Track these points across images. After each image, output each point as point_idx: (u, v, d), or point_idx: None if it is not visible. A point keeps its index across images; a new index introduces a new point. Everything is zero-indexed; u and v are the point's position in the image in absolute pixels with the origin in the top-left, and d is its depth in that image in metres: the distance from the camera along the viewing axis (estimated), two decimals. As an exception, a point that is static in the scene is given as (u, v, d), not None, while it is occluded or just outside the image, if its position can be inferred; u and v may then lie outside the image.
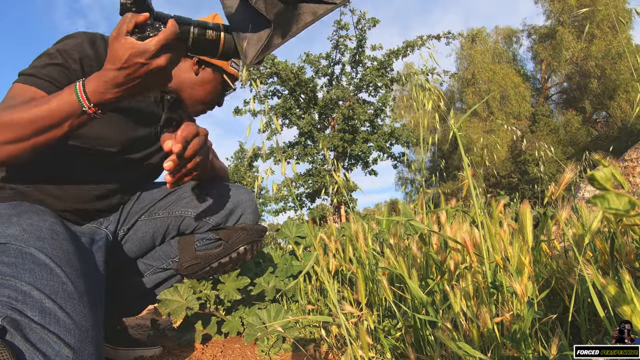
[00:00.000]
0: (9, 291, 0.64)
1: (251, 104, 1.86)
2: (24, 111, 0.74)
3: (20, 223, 0.80)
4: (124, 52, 0.70)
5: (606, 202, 0.26)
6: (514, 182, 15.10)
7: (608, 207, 0.26)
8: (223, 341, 1.28)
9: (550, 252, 0.87)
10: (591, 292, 0.53)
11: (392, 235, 1.01)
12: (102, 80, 0.73)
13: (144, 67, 0.72)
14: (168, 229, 1.11)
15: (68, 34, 0.94)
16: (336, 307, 0.78)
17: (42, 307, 0.64)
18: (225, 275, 1.23)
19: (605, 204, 0.26)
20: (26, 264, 0.72)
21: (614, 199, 0.26)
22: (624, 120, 13.82)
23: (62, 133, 0.76)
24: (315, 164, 8.04)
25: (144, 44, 0.70)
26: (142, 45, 0.70)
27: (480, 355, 0.56)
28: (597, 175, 0.27)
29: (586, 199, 1.98)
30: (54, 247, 0.77)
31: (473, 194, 0.65)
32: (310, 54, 8.36)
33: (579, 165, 0.87)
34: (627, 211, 0.26)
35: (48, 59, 0.86)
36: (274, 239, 4.87)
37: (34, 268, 0.71)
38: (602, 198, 0.27)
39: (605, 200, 0.26)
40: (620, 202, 0.26)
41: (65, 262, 0.76)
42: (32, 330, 0.60)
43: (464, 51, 16.37)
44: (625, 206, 0.26)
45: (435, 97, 0.88)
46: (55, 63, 0.85)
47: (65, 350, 0.61)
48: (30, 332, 0.60)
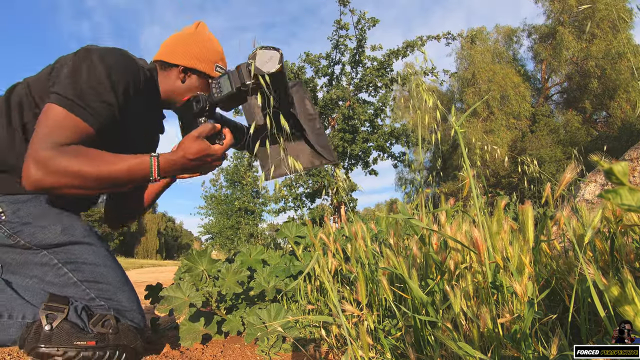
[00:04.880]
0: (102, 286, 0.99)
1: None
2: (94, 166, 0.87)
3: (76, 225, 0.99)
4: (200, 150, 0.99)
5: (618, 198, 0.26)
6: (514, 182, 15.09)
7: (620, 203, 0.25)
8: (223, 341, 1.28)
9: (550, 252, 0.87)
10: (591, 292, 0.53)
11: (392, 235, 1.01)
12: (173, 163, 0.98)
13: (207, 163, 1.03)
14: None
15: (118, 53, 0.99)
16: (336, 307, 0.78)
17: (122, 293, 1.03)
18: (224, 271, 1.23)
19: (618, 199, 0.26)
20: (107, 262, 1.02)
21: (627, 194, 0.25)
22: (624, 120, 13.81)
23: (123, 189, 0.95)
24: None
25: (214, 148, 1.02)
26: (213, 148, 1.02)
27: (480, 355, 0.55)
28: (615, 169, 0.26)
29: (586, 199, 1.98)
30: (103, 245, 1.04)
31: (474, 193, 0.65)
32: (310, 54, 8.36)
33: (579, 165, 0.88)
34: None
35: (99, 93, 0.91)
36: (274, 239, 4.86)
37: (107, 263, 1.02)
38: (615, 193, 0.26)
39: (618, 195, 0.26)
40: (634, 198, 0.25)
41: (111, 256, 1.05)
42: (122, 311, 1.02)
43: (464, 51, 16.36)
44: (638, 202, 0.25)
45: (433, 98, 0.88)
46: (105, 101, 0.92)
47: (138, 316, 1.05)
48: (122, 311, 1.02)
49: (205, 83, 1.17)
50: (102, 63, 0.93)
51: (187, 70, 1.15)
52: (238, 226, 9.96)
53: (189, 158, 0.98)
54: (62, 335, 0.90)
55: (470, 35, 8.57)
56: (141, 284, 3.83)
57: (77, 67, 0.91)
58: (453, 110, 0.82)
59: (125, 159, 0.92)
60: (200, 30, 1.19)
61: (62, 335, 0.90)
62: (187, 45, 1.15)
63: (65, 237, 0.96)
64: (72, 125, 0.87)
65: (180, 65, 1.13)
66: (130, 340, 0.99)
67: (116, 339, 0.96)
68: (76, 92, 0.88)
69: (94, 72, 0.91)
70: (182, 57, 1.13)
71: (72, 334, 0.91)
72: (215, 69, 1.17)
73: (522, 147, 15.27)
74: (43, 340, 0.88)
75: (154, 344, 1.25)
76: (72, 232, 0.98)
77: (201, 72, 1.16)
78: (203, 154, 1.00)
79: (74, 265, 0.98)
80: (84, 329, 0.93)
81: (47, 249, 0.96)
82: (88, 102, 0.89)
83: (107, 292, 1.01)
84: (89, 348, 0.91)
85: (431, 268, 0.84)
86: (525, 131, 15.72)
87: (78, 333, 0.91)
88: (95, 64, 0.92)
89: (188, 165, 0.99)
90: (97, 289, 1.00)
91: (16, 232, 0.93)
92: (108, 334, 0.95)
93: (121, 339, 0.97)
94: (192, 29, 1.19)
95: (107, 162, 0.89)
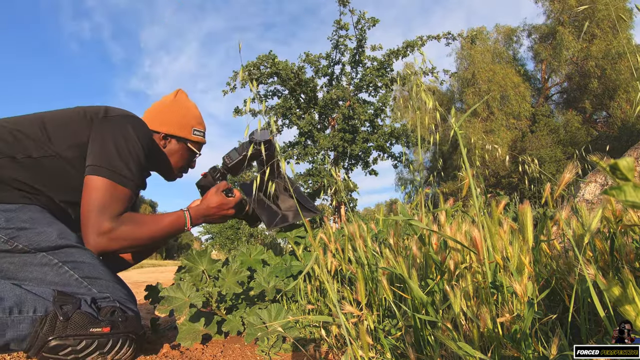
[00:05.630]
0: (102, 282, 1.04)
1: (248, 104, 1.90)
2: (145, 228, 1.08)
3: (69, 231, 1.04)
4: (219, 200, 1.24)
5: (623, 194, 0.25)
6: (514, 182, 15.09)
7: (625, 200, 0.25)
8: (223, 341, 1.28)
9: (550, 252, 0.87)
10: (591, 292, 0.53)
11: (392, 235, 1.01)
12: (200, 214, 1.22)
13: (224, 211, 1.26)
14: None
15: (142, 122, 1.18)
16: (336, 307, 0.78)
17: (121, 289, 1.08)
18: (224, 271, 1.23)
19: (622, 196, 0.25)
20: (102, 263, 1.07)
21: (631, 191, 0.25)
22: (624, 120, 13.80)
23: (164, 243, 1.23)
24: (315, 164, 8.04)
25: (228, 200, 1.26)
26: (228, 200, 1.26)
27: (480, 355, 0.55)
28: (621, 164, 0.25)
29: (586, 199, 1.98)
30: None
31: (473, 193, 0.65)
32: (310, 54, 8.35)
33: (579, 165, 0.87)
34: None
35: (139, 163, 1.11)
36: (274, 238, 4.86)
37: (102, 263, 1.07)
38: (619, 190, 0.25)
39: (622, 192, 0.25)
40: (638, 195, 0.25)
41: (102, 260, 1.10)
42: (123, 303, 1.05)
43: (464, 51, 16.36)
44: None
45: (433, 98, 0.88)
46: (141, 168, 1.13)
47: (137, 309, 1.09)
48: (123, 303, 1.05)
49: (184, 146, 1.36)
50: (135, 133, 1.11)
51: (167, 137, 1.33)
52: (238, 226, 9.96)
53: (212, 206, 1.23)
54: (79, 323, 0.92)
55: (470, 35, 8.56)
56: (141, 284, 3.83)
57: (117, 140, 1.07)
58: (453, 111, 0.82)
59: (164, 216, 1.15)
60: (178, 99, 1.38)
61: (78, 323, 0.92)
62: (165, 114, 1.33)
63: (62, 241, 0.99)
64: (122, 195, 1.05)
65: (160, 132, 1.31)
66: (138, 328, 1.04)
67: (126, 326, 1.00)
68: (121, 164, 1.05)
69: (132, 144, 1.09)
70: (161, 125, 1.32)
71: (87, 322, 0.93)
72: (193, 132, 1.36)
73: (522, 147, 15.27)
74: (58, 330, 0.89)
75: (154, 344, 1.25)
76: (67, 237, 1.01)
77: (180, 137, 1.34)
78: (221, 202, 1.24)
79: (74, 264, 1.00)
80: (97, 318, 0.96)
81: (45, 251, 0.97)
82: (132, 172, 1.08)
83: (108, 288, 1.04)
84: (104, 335, 0.95)
85: (431, 268, 0.84)
86: (525, 131, 15.72)
87: (93, 321, 0.94)
88: (132, 135, 1.10)
89: (210, 213, 1.23)
90: (98, 284, 1.03)
91: (13, 237, 0.94)
92: (118, 322, 0.99)
93: (129, 327, 1.01)
94: (171, 97, 1.37)
95: (154, 222, 1.11)
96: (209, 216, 1.24)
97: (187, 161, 1.42)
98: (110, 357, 0.98)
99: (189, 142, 1.37)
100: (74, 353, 0.91)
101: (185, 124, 1.34)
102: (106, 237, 1.01)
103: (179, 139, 1.35)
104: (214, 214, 1.24)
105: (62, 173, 1.06)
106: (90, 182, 1.03)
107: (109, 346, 0.96)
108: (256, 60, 7.70)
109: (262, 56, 7.71)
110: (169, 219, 1.15)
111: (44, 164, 1.04)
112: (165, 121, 1.32)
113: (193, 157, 1.43)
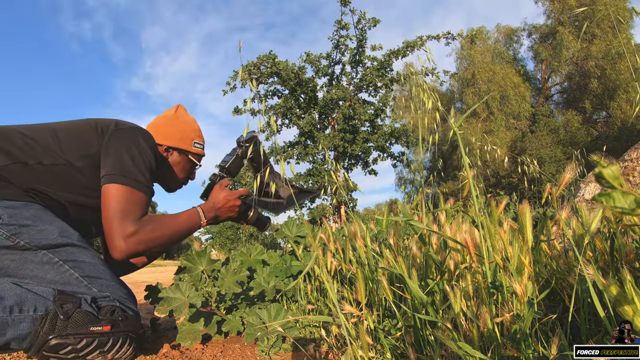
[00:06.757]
0: (102, 281, 1.05)
1: (249, 103, 1.88)
2: (165, 227, 1.13)
3: (71, 230, 1.06)
4: (225, 195, 1.31)
5: (611, 201, 0.26)
6: (514, 182, 15.09)
7: (613, 206, 0.26)
8: (223, 341, 1.28)
9: (550, 252, 0.87)
10: (591, 292, 0.53)
11: (392, 235, 1.01)
12: (210, 208, 1.28)
13: (231, 202, 1.32)
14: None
15: (148, 136, 1.24)
16: (336, 307, 0.78)
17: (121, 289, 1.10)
18: (223, 271, 1.23)
19: (611, 202, 0.26)
20: (102, 263, 1.10)
21: (620, 197, 0.25)
22: (624, 120, 13.80)
23: (182, 240, 1.22)
24: (316, 164, 8.04)
25: (232, 193, 1.33)
26: (232, 193, 1.33)
27: (480, 355, 0.55)
28: (605, 172, 0.26)
29: (586, 199, 1.98)
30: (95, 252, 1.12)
31: (473, 194, 0.65)
32: (310, 54, 8.35)
33: (579, 165, 0.87)
34: (633, 210, 0.26)
35: (150, 169, 1.17)
36: (274, 239, 4.86)
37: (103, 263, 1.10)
38: (608, 196, 0.26)
39: (611, 198, 0.26)
40: (626, 201, 0.25)
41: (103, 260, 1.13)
42: (123, 302, 1.06)
43: (464, 51, 16.35)
44: (631, 205, 0.25)
45: (434, 98, 0.88)
46: (153, 173, 1.19)
47: (136, 308, 1.10)
48: (123, 302, 1.06)
49: (185, 158, 1.43)
50: (146, 144, 1.18)
51: (170, 149, 1.40)
52: (238, 226, 9.96)
53: (219, 199, 1.30)
54: (79, 322, 0.92)
55: (470, 35, 8.55)
56: (141, 284, 3.83)
57: (130, 149, 1.13)
58: (452, 112, 0.82)
59: (179, 214, 1.20)
60: (179, 113, 1.46)
61: (79, 322, 0.92)
62: (167, 128, 1.40)
63: (63, 239, 1.00)
64: (140, 200, 1.10)
65: (163, 145, 1.38)
66: (138, 327, 1.05)
67: (126, 325, 1.01)
68: (136, 171, 1.11)
69: (144, 153, 1.15)
70: (164, 138, 1.38)
71: (87, 321, 0.94)
72: (194, 145, 1.44)
73: (522, 147, 15.26)
74: (58, 329, 0.89)
75: (154, 344, 1.25)
76: (68, 235, 1.03)
77: (181, 149, 1.41)
78: (227, 194, 1.32)
79: (74, 263, 1.01)
80: (97, 317, 0.97)
81: (46, 249, 0.97)
82: (146, 178, 1.13)
83: (108, 287, 1.05)
84: (104, 334, 0.96)
85: (431, 268, 0.84)
86: (525, 131, 15.72)
87: (93, 320, 0.95)
88: (143, 145, 1.16)
89: (218, 206, 1.30)
90: (98, 284, 1.04)
91: (15, 234, 0.94)
92: (118, 321, 1.00)
93: (129, 326, 1.02)
94: (172, 112, 1.46)
95: (172, 221, 1.16)
96: (219, 209, 1.30)
97: (188, 172, 1.48)
98: (111, 355, 0.99)
99: (190, 154, 1.44)
100: (75, 352, 0.92)
101: (186, 137, 1.42)
102: (132, 240, 1.03)
103: (180, 151, 1.41)
104: (223, 206, 1.30)
105: (72, 180, 1.10)
106: (108, 190, 1.06)
107: (109, 345, 0.97)
108: (256, 60, 7.70)
109: (263, 56, 7.70)
110: (184, 216, 1.20)
111: (54, 171, 1.08)
112: (167, 135, 1.39)
113: (193, 168, 1.49)
